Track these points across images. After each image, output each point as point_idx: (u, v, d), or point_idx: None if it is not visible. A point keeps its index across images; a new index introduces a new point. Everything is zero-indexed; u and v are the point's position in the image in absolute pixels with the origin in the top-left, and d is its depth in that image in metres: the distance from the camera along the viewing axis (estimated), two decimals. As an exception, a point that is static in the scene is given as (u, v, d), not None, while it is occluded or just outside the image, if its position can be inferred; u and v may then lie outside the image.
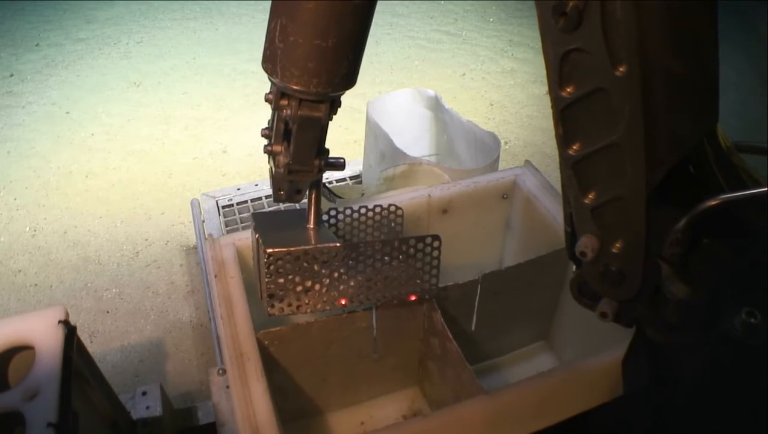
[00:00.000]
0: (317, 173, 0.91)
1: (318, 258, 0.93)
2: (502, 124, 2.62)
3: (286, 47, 0.75)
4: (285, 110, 0.81)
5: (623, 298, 0.65)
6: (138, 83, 2.93)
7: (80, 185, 2.29)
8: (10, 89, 2.89)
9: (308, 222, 0.97)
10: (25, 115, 2.70)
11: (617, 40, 0.51)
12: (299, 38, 0.73)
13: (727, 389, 0.64)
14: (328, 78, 0.77)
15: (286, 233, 0.96)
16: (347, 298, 0.98)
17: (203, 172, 2.34)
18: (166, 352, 1.65)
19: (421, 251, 1.00)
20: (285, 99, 0.81)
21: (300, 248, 0.91)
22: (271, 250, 0.90)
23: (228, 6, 3.67)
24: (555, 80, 0.57)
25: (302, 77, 0.76)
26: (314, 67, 0.75)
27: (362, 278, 0.97)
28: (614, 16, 0.50)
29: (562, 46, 0.55)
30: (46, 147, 2.49)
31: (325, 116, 0.82)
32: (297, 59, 0.75)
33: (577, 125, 0.59)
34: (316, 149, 0.87)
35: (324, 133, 0.87)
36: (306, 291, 0.95)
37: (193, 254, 1.95)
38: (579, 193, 0.62)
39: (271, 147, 0.88)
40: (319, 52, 0.74)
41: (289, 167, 0.87)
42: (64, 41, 3.32)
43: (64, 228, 2.08)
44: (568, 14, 0.52)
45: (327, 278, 0.95)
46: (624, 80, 0.52)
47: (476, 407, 0.87)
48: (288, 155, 0.86)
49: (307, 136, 0.84)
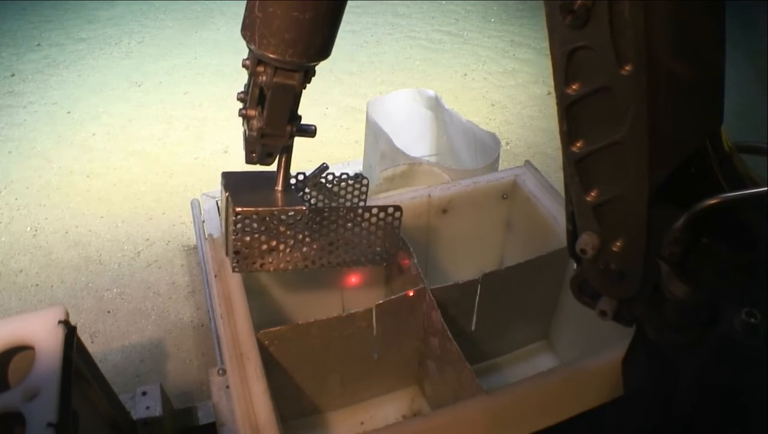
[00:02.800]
0: (288, 138, 0.94)
1: (284, 220, 0.96)
2: (503, 124, 2.62)
3: (264, 17, 0.78)
4: (261, 76, 0.85)
5: (623, 297, 0.65)
6: (139, 83, 2.93)
7: (81, 184, 2.29)
8: (11, 89, 2.90)
9: (277, 184, 1.00)
10: (26, 115, 2.70)
11: (624, 39, 0.51)
12: (277, 9, 0.77)
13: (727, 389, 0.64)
14: (304, 49, 0.80)
15: (256, 194, 0.99)
16: (309, 260, 1.01)
17: (204, 172, 2.34)
18: (167, 352, 1.65)
19: (383, 220, 1.03)
20: (261, 66, 0.84)
21: (267, 209, 0.94)
22: (240, 209, 0.92)
23: (229, 6, 3.67)
24: (561, 77, 0.57)
25: (279, 46, 0.79)
26: (291, 38, 0.79)
27: (325, 242, 1.01)
28: (622, 15, 0.50)
29: (568, 43, 0.55)
30: (47, 147, 2.49)
31: (299, 84, 0.86)
32: (275, 29, 0.78)
33: (581, 122, 0.59)
34: (288, 115, 0.91)
35: (297, 100, 0.91)
36: (270, 250, 0.98)
37: (194, 254, 1.95)
38: (581, 190, 0.62)
39: (246, 111, 0.93)
40: (296, 24, 0.77)
41: (262, 131, 0.92)
42: (65, 41, 3.33)
43: (65, 228, 2.08)
44: (575, 12, 0.52)
45: (291, 240, 0.98)
46: (629, 80, 0.52)
47: (476, 407, 0.87)
48: (261, 120, 0.91)
49: (281, 102, 0.88)
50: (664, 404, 0.73)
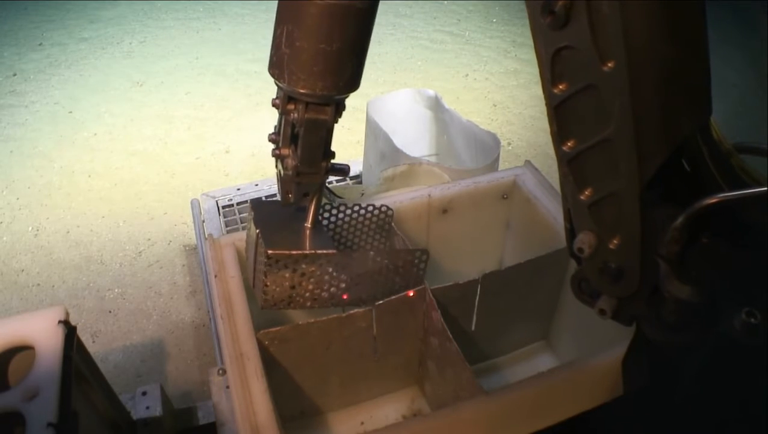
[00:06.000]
0: (324, 175, 0.94)
1: (314, 262, 0.96)
2: (505, 125, 2.62)
3: (292, 52, 0.77)
4: (292, 113, 0.84)
5: (622, 295, 0.65)
6: (141, 83, 2.93)
7: (83, 184, 2.29)
8: (13, 89, 2.90)
9: (306, 221, 1.00)
10: (27, 114, 2.71)
11: (604, 36, 0.52)
12: (305, 43, 0.76)
13: (727, 389, 0.64)
14: (333, 81, 0.80)
15: (285, 230, 0.98)
16: (336, 298, 1.02)
17: (206, 172, 2.34)
18: (168, 352, 1.66)
19: (409, 263, 1.04)
20: (292, 103, 0.83)
21: (299, 253, 0.94)
22: (272, 251, 0.92)
23: (231, 6, 3.68)
24: (547, 78, 0.58)
25: (308, 81, 0.79)
26: (319, 71, 0.78)
27: (351, 282, 1.01)
28: (600, 12, 0.51)
29: (552, 44, 0.56)
30: (48, 147, 2.50)
31: (331, 118, 0.85)
32: (303, 64, 0.78)
33: (570, 121, 0.59)
34: (323, 150, 0.90)
35: (330, 135, 0.90)
36: (298, 289, 0.98)
37: (195, 254, 1.95)
38: (576, 190, 0.62)
39: (279, 151, 0.91)
40: (323, 56, 0.77)
41: (297, 169, 0.90)
42: (67, 41, 3.33)
43: (66, 228, 2.08)
44: (556, 12, 0.53)
45: (318, 279, 0.98)
46: (612, 75, 0.53)
47: (476, 407, 0.87)
48: (296, 158, 0.89)
49: (314, 138, 0.87)
50: (664, 404, 0.73)
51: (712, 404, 0.67)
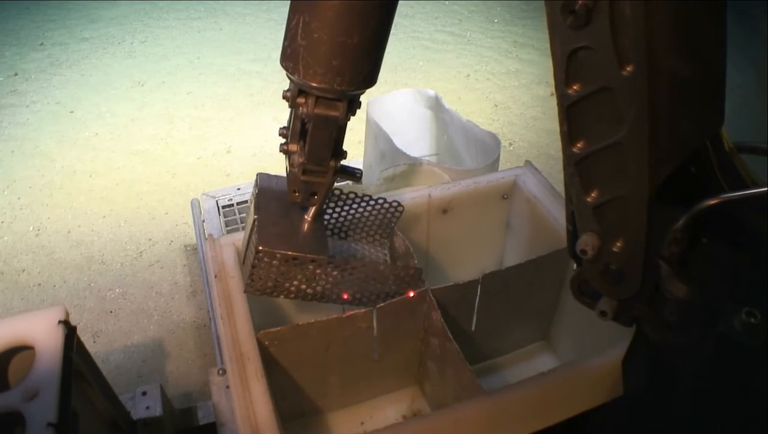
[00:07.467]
0: (332, 176, 0.90)
1: (303, 263, 0.94)
2: (506, 125, 2.62)
3: (309, 44, 0.73)
4: (301, 107, 0.80)
5: (623, 297, 0.65)
6: (142, 83, 2.94)
7: (84, 184, 2.29)
8: (14, 88, 2.90)
9: (307, 214, 0.98)
10: (29, 114, 2.71)
11: (625, 39, 0.51)
12: (323, 35, 0.72)
13: (727, 389, 0.64)
14: (352, 76, 0.76)
15: (283, 222, 0.96)
16: (320, 295, 1.01)
17: (207, 172, 2.34)
18: (169, 352, 1.66)
19: (401, 277, 1.04)
20: (302, 97, 0.80)
21: (289, 253, 0.92)
22: (263, 248, 0.90)
23: (232, 6, 3.68)
24: (561, 78, 0.57)
25: (326, 75, 0.75)
26: (339, 65, 0.74)
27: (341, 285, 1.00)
28: (623, 15, 0.50)
29: (569, 43, 0.54)
30: (50, 146, 2.50)
31: (343, 115, 0.81)
32: (321, 57, 0.74)
33: (581, 122, 0.59)
34: (331, 149, 0.86)
35: (341, 134, 0.86)
36: (285, 282, 0.97)
37: (196, 254, 1.95)
38: (581, 191, 0.62)
39: (287, 146, 0.87)
40: (344, 50, 0.73)
41: (303, 167, 0.87)
42: (68, 40, 3.33)
43: (67, 228, 2.08)
44: (577, 12, 0.52)
45: (308, 277, 0.97)
46: (630, 80, 0.52)
47: (476, 407, 0.87)
48: (303, 155, 0.85)
49: (323, 135, 0.83)
50: (664, 404, 0.73)
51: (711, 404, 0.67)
